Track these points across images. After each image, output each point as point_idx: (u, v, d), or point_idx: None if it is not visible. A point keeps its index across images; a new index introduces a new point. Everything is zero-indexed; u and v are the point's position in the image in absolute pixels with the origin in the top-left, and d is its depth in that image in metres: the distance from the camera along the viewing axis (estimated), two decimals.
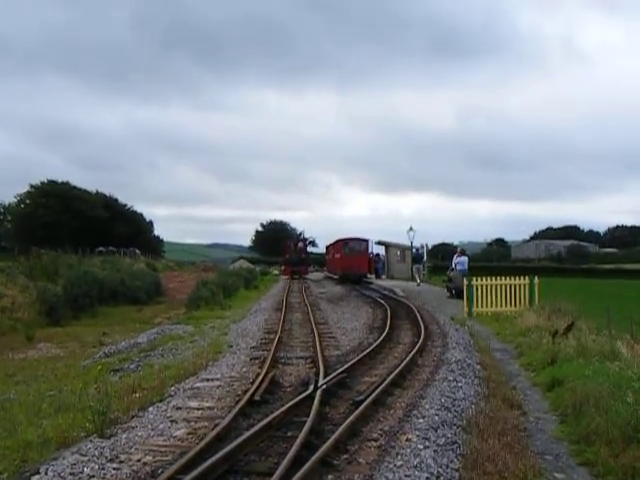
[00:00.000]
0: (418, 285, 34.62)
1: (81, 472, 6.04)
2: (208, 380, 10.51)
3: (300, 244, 52.82)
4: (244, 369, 11.38)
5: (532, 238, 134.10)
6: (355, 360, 11.29)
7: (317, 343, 13.21)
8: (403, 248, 46.53)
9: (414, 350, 12.26)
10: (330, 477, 5.80)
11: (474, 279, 21.12)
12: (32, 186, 72.83)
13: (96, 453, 6.61)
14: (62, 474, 5.98)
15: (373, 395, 8.44)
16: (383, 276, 45.10)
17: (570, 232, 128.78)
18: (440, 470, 5.92)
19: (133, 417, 8.24)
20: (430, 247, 59.44)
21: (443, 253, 74.50)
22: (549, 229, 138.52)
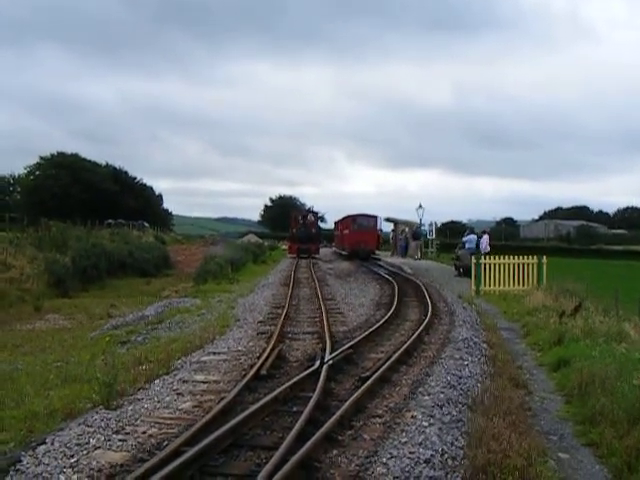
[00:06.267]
0: (415, 260, 37.48)
1: (87, 443, 6.08)
2: (215, 354, 10.55)
3: (310, 217, 45.90)
4: (251, 343, 11.40)
5: (541, 218, 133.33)
6: (362, 336, 11.30)
7: (324, 319, 13.20)
8: (412, 225, 46.35)
9: (421, 327, 12.26)
10: (335, 452, 5.81)
11: (482, 257, 21.09)
12: (42, 158, 72.66)
13: (102, 424, 6.65)
14: (68, 445, 6.01)
15: (379, 372, 8.44)
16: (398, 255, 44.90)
17: (579, 212, 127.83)
18: (445, 447, 5.92)
19: (139, 389, 8.29)
20: (439, 225, 59.25)
21: (452, 231, 74.30)
22: (558, 209, 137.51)
